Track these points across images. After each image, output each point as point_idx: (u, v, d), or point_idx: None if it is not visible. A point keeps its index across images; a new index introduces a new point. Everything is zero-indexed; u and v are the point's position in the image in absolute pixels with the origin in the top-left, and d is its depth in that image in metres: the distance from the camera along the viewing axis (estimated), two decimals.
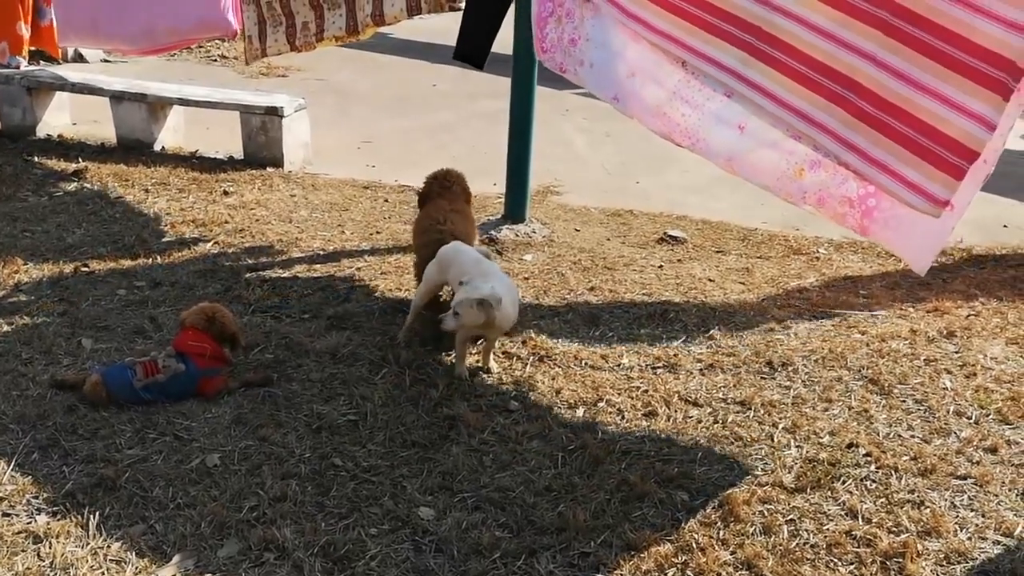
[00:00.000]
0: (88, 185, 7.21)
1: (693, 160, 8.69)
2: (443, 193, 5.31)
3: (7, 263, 5.49)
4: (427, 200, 5.37)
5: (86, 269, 5.53)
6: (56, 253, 5.78)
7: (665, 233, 6.55)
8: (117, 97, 8.23)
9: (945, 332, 5.00)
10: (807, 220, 7.07)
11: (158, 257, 5.77)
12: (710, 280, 5.78)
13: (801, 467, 3.75)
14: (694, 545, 3.27)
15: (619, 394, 4.34)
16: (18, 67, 8.78)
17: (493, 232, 6.38)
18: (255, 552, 3.22)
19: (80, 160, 7.81)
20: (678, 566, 3.18)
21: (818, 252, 6.47)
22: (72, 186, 7.19)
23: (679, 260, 6.14)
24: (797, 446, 3.91)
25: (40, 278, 5.37)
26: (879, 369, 4.56)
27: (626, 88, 5.36)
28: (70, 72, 8.91)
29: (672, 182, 8.17)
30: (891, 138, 3.71)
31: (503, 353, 4.67)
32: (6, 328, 4.73)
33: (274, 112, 7.84)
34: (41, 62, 10.14)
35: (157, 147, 8.32)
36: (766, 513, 3.46)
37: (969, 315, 5.28)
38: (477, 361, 4.58)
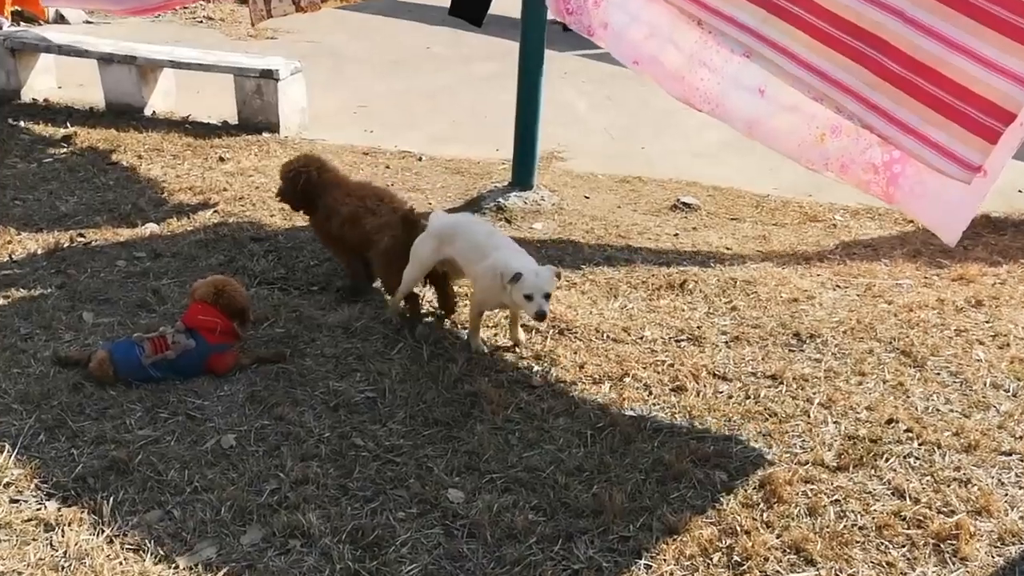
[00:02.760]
0: (78, 151, 6.97)
1: (698, 125, 8.52)
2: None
3: (0, 233, 5.26)
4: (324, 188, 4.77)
5: (83, 239, 5.32)
6: (50, 222, 5.56)
7: (678, 200, 6.39)
8: (105, 59, 7.94)
9: (973, 301, 4.88)
10: (820, 186, 6.93)
11: (156, 227, 5.55)
12: (727, 249, 5.62)
13: (841, 444, 3.62)
14: (738, 528, 3.14)
15: (644, 368, 4.19)
16: (0, 28, 8.48)
17: (501, 200, 6.19)
18: (280, 539, 3.07)
19: (68, 125, 7.55)
20: (723, 550, 3.05)
21: (834, 219, 6.32)
22: (62, 152, 6.94)
23: (694, 228, 5.98)
24: (835, 422, 3.78)
25: (35, 249, 5.15)
26: (910, 340, 4.43)
27: (644, 52, 5.17)
28: (55, 33, 8.60)
29: (678, 147, 7.99)
30: (918, 99, 3.52)
31: (520, 326, 4.50)
32: (2, 302, 4.53)
33: (269, 75, 7.59)
34: (22, 23, 9.83)
35: (148, 112, 8.06)
36: (809, 493, 3.33)
37: (995, 283, 5.16)
38: (498, 335, 4.42)
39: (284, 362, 4.11)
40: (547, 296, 3.87)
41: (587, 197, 6.53)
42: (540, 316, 3.88)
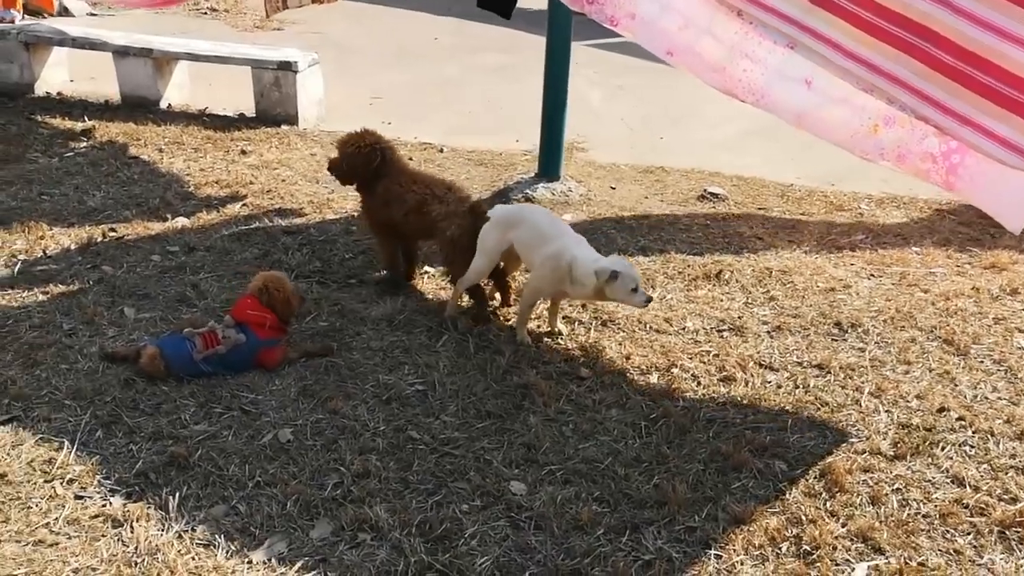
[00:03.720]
0: (98, 145, 6.92)
1: (716, 115, 8.55)
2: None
3: (31, 229, 5.23)
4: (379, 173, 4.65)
5: (114, 234, 5.29)
6: (79, 217, 5.53)
7: (705, 190, 6.39)
8: (121, 52, 7.89)
9: (1008, 289, 4.91)
10: (842, 175, 6.96)
11: (187, 220, 5.53)
12: (759, 238, 5.64)
13: (896, 433, 3.64)
14: (803, 517, 3.16)
15: (691, 359, 4.20)
16: (12, 21, 8.42)
17: (528, 191, 6.19)
18: (349, 532, 3.07)
19: (86, 119, 7.50)
20: (790, 539, 3.07)
21: (860, 208, 6.34)
22: (82, 146, 6.90)
23: (723, 218, 5.98)
24: (886, 411, 3.80)
25: (68, 244, 5.12)
26: (951, 329, 4.45)
27: (679, 42, 5.14)
28: (68, 27, 8.54)
29: (697, 138, 7.99)
30: (973, 90, 3.51)
31: (563, 318, 4.51)
32: (42, 297, 4.50)
33: (287, 67, 7.56)
34: (26, 16, 9.75)
35: (163, 104, 8.01)
36: (870, 482, 3.35)
37: None
38: (540, 326, 4.42)
39: (332, 356, 4.11)
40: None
41: (613, 188, 6.53)
42: (647, 302, 3.99)
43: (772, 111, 4.66)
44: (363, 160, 4.58)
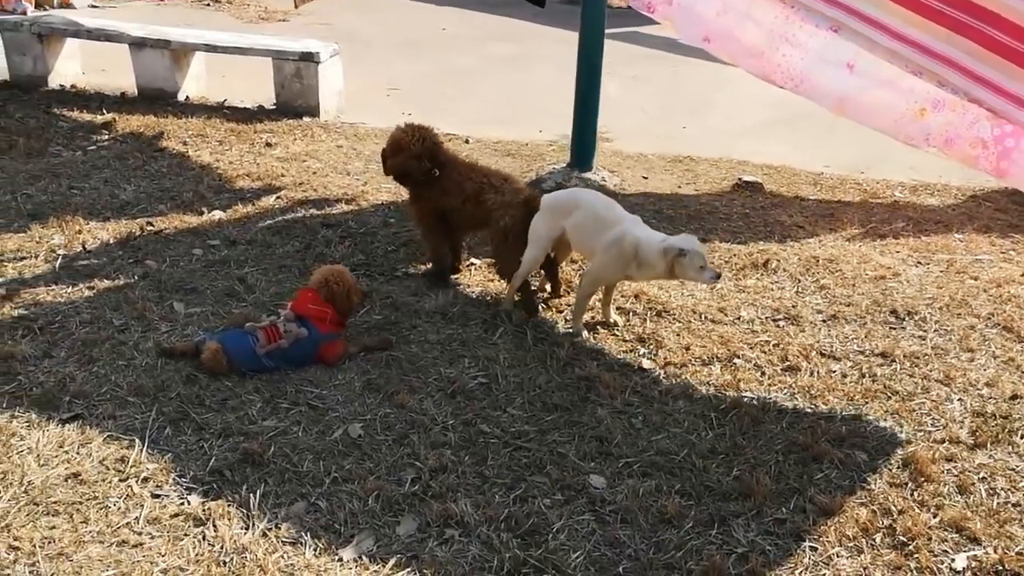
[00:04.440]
0: (120, 138, 6.83)
1: (736, 104, 8.54)
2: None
3: (67, 223, 5.15)
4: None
5: (152, 228, 5.21)
6: (114, 211, 5.45)
7: (739, 179, 6.36)
8: (138, 44, 7.79)
9: None
10: (870, 163, 6.94)
11: (223, 214, 5.46)
12: (800, 227, 5.61)
13: (972, 422, 3.62)
14: (892, 508, 3.13)
15: (751, 349, 4.17)
16: (24, 12, 8.30)
17: (562, 181, 6.13)
18: (435, 528, 3.02)
19: (104, 112, 7.40)
20: (883, 530, 3.04)
21: (894, 195, 6.32)
22: (104, 139, 6.80)
23: (762, 207, 5.95)
24: (958, 399, 3.78)
25: (106, 239, 5.04)
26: (1007, 315, 4.44)
27: (717, 28, 5.10)
28: (81, 18, 8.41)
29: (718, 127, 7.97)
30: None
31: (616, 309, 4.47)
32: (88, 293, 4.43)
33: (309, 58, 7.48)
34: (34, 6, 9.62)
35: (181, 97, 7.92)
36: (955, 471, 3.32)
37: None
38: (594, 316, 4.38)
39: (390, 349, 4.05)
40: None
41: (645, 177, 6.49)
42: (717, 278, 3.91)
43: (811, 97, 4.63)
44: (430, 154, 4.50)
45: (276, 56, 7.55)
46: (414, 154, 4.47)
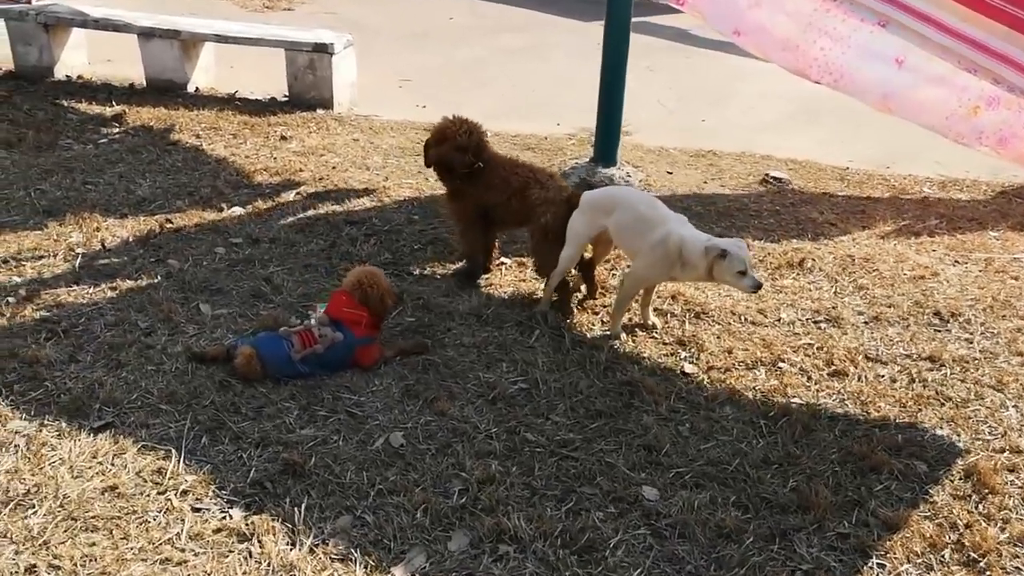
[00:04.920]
0: (132, 131, 6.69)
1: (754, 97, 8.41)
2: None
3: (85, 220, 5.02)
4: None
5: (171, 225, 5.08)
6: (130, 207, 5.32)
7: (767, 175, 6.25)
8: (146, 34, 7.62)
9: None
10: (895, 158, 6.85)
11: (242, 210, 5.33)
12: (832, 224, 5.51)
13: None
14: (958, 522, 3.04)
15: (794, 352, 4.07)
16: (29, 2, 8.12)
17: (586, 177, 6.02)
18: (488, 544, 2.91)
19: (113, 103, 7.25)
20: (951, 545, 2.95)
21: (924, 191, 6.22)
22: (115, 132, 6.66)
23: (791, 203, 5.85)
24: (1013, 406, 3.68)
25: (126, 236, 4.91)
26: None
27: (749, 21, 4.99)
28: (87, 7, 8.24)
29: (738, 119, 7.85)
30: None
31: (654, 310, 4.36)
32: (110, 294, 4.30)
33: (323, 49, 7.33)
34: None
35: (191, 88, 7.77)
36: (1018, 483, 3.23)
37: None
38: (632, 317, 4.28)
39: (427, 353, 3.94)
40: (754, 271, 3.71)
41: (670, 172, 6.38)
42: (758, 287, 3.75)
43: (851, 93, 4.53)
44: (476, 148, 4.40)
45: (289, 47, 7.40)
46: (459, 145, 4.35)
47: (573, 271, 4.40)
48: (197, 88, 7.79)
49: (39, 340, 3.89)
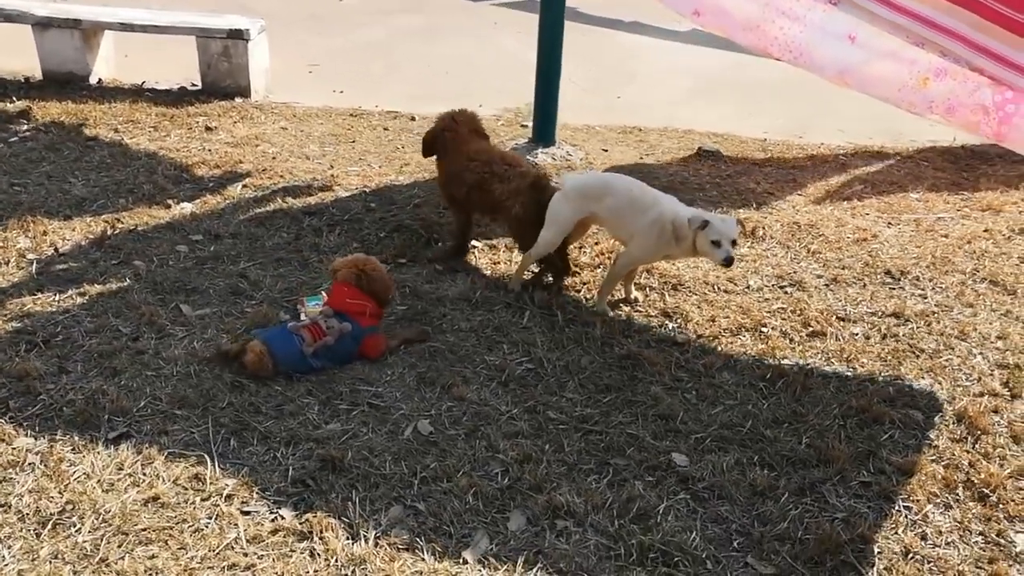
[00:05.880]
0: (43, 127, 6.34)
1: (661, 73, 8.67)
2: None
3: (28, 225, 4.76)
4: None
5: (123, 225, 4.88)
6: (71, 208, 5.07)
7: (700, 148, 6.48)
8: (43, 24, 7.21)
9: (1017, 229, 5.25)
10: (805, 127, 7.21)
11: (191, 206, 5.17)
12: (769, 193, 5.79)
13: (1000, 373, 3.85)
14: (962, 463, 3.31)
15: (772, 316, 4.30)
16: None
17: (528, 157, 6.10)
18: (546, 520, 2.99)
19: (14, 99, 6.83)
20: (962, 484, 3.21)
21: (840, 158, 6.59)
22: (24, 129, 6.30)
23: (728, 175, 6.10)
24: (979, 354, 4.01)
25: (77, 239, 4.69)
26: (989, 270, 4.74)
27: (708, 2, 5.13)
28: None
29: (651, 96, 8.08)
30: None
31: (634, 284, 4.50)
32: (80, 300, 4.12)
33: (238, 35, 7.13)
34: None
35: (93, 80, 7.40)
36: (1004, 423, 3.53)
37: (1021, 211, 5.55)
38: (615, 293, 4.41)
39: (429, 340, 3.96)
40: (733, 243, 3.85)
41: (605, 150, 6.54)
42: (728, 262, 3.83)
43: (811, 69, 4.75)
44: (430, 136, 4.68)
45: (201, 34, 7.16)
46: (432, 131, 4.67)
47: None
48: (100, 80, 7.44)
49: (20, 352, 3.71)
